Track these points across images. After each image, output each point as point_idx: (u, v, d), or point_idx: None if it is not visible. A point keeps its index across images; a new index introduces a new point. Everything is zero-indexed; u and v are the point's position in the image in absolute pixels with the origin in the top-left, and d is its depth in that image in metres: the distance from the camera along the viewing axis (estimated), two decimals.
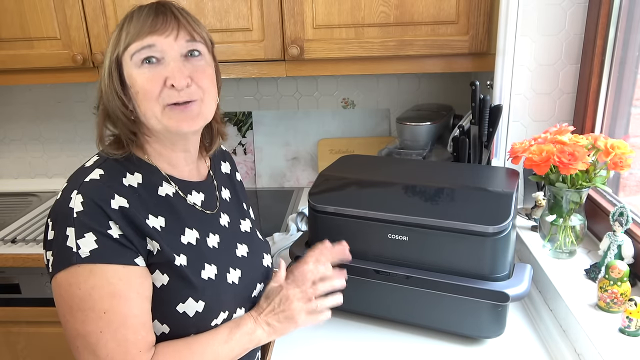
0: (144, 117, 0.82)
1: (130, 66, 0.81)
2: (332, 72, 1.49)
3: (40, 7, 1.46)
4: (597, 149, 1.01)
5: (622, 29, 1.15)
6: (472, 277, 0.92)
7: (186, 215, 0.86)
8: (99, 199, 0.76)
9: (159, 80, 0.80)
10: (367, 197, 1.01)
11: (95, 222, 0.75)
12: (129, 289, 0.76)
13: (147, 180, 0.84)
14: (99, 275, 0.74)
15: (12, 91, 1.92)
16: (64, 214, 0.75)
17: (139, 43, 0.80)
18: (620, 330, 0.86)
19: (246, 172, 1.93)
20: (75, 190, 0.76)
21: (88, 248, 0.74)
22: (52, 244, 0.76)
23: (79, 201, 0.75)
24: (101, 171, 0.80)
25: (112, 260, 0.75)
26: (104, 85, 0.83)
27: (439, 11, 1.38)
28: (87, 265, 0.73)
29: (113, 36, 0.83)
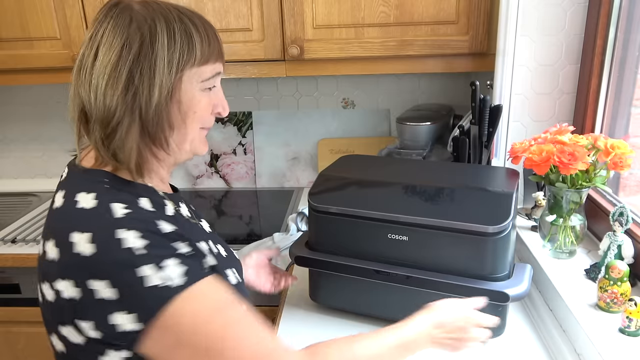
0: (180, 139, 0.76)
1: (193, 87, 0.74)
2: (332, 72, 1.49)
3: (40, 7, 1.46)
4: (597, 149, 1.01)
5: (622, 29, 1.15)
6: (472, 277, 0.92)
7: (190, 229, 0.80)
8: (151, 228, 0.67)
9: (211, 106, 0.79)
10: (367, 197, 1.01)
11: (166, 248, 0.67)
12: (225, 296, 0.70)
13: (155, 203, 0.74)
14: (196, 297, 0.66)
15: (12, 91, 1.92)
16: (120, 260, 0.64)
17: (212, 67, 0.76)
18: (620, 330, 0.86)
19: (246, 172, 1.93)
20: (120, 230, 0.65)
21: (176, 274, 0.65)
22: (125, 300, 0.64)
23: (135, 237, 0.65)
24: (120, 204, 0.68)
25: (201, 275, 0.68)
26: (153, 97, 0.70)
27: (439, 11, 1.38)
28: (182, 294, 0.65)
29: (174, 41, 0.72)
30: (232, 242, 1.49)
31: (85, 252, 0.65)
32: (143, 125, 0.71)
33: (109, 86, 0.69)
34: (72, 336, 0.70)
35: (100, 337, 0.67)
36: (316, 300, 1.10)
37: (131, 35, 0.70)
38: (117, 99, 0.69)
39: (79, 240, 0.66)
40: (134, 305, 0.65)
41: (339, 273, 1.02)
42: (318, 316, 1.09)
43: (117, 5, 0.73)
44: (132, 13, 0.72)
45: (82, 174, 0.75)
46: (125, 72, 0.69)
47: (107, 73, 0.69)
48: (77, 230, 0.66)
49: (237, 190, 1.93)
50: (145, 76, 0.69)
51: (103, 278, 0.64)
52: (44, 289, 0.72)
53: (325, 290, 1.08)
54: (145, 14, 0.72)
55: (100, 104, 0.69)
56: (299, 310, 1.11)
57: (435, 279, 0.94)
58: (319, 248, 1.05)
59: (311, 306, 1.12)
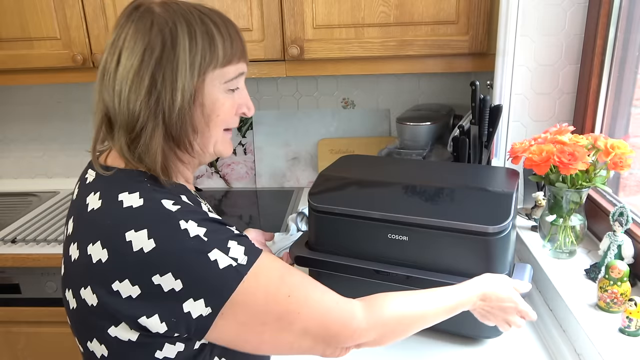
0: (204, 142, 0.76)
1: (216, 89, 0.74)
2: (332, 72, 1.49)
3: (40, 7, 1.46)
4: (597, 149, 1.01)
5: (622, 29, 1.15)
6: (472, 277, 0.92)
7: None
8: (205, 216, 0.70)
9: (235, 107, 0.78)
10: (367, 197, 1.01)
11: (224, 232, 0.69)
12: (281, 263, 0.73)
13: (192, 200, 0.76)
14: (262, 271, 0.69)
15: (12, 91, 1.92)
16: (191, 248, 0.66)
17: (235, 68, 0.75)
18: (620, 330, 0.86)
19: (246, 172, 1.93)
20: (181, 221, 0.67)
21: (241, 253, 0.68)
22: (195, 287, 0.66)
23: (195, 226, 0.67)
24: (169, 200, 0.70)
25: (259, 251, 0.71)
26: (176, 101, 0.70)
27: (439, 11, 1.38)
28: (251, 271, 0.68)
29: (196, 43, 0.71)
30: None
31: (146, 248, 0.65)
32: (167, 129, 0.71)
33: (132, 91, 0.69)
34: (125, 334, 0.69)
35: (165, 330, 0.67)
36: None
37: (152, 39, 0.69)
38: (140, 104, 0.69)
39: (135, 237, 0.66)
40: (206, 290, 0.66)
41: (339, 273, 1.02)
42: None
43: (138, 9, 0.72)
44: (153, 16, 0.71)
45: (116, 175, 0.74)
46: (148, 76, 0.69)
47: (129, 78, 0.69)
48: (131, 229, 0.66)
49: (237, 190, 1.93)
50: (167, 80, 0.69)
51: (169, 270, 0.65)
52: (82, 294, 0.70)
53: None
54: (166, 16, 0.71)
55: (124, 109, 0.69)
56: None
57: (435, 279, 0.93)
58: (319, 248, 1.05)
59: None
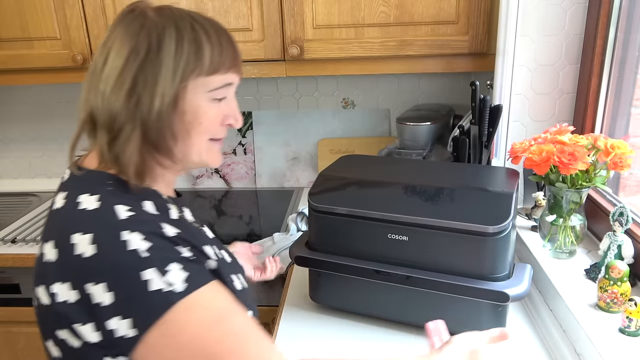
0: (185, 150, 0.74)
1: (199, 96, 0.73)
2: (332, 72, 1.49)
3: (40, 7, 1.46)
4: (597, 149, 1.01)
5: (622, 29, 1.15)
6: (472, 277, 0.92)
7: (195, 233, 0.78)
8: (156, 230, 0.67)
9: (221, 117, 0.77)
10: (367, 197, 1.01)
11: (170, 252, 0.66)
12: (227, 304, 0.69)
13: (159, 206, 0.73)
14: (198, 305, 0.65)
15: (12, 91, 1.92)
16: (125, 261, 0.63)
17: (222, 78, 0.74)
18: (620, 330, 0.86)
19: (246, 172, 1.93)
20: (124, 232, 0.64)
21: (180, 279, 0.64)
22: (123, 305, 0.63)
23: (140, 239, 0.64)
24: (124, 206, 0.68)
25: (203, 281, 0.67)
26: (155, 105, 0.69)
27: (439, 11, 1.38)
28: (184, 301, 0.63)
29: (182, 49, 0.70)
30: (232, 242, 1.49)
31: (86, 253, 0.64)
32: (145, 132, 0.70)
33: (114, 92, 0.68)
34: (70, 340, 0.68)
35: (99, 341, 0.65)
36: (316, 300, 1.10)
37: (139, 42, 0.69)
38: (120, 104, 0.68)
39: (80, 241, 0.65)
40: (132, 310, 0.63)
41: (339, 273, 1.02)
42: (318, 316, 1.09)
43: (133, 12, 0.72)
44: (144, 20, 0.70)
45: (85, 176, 0.74)
46: (130, 78, 0.68)
47: (113, 79, 0.69)
48: (78, 231, 0.65)
49: (237, 190, 1.93)
50: (148, 83, 0.69)
51: (103, 280, 0.63)
52: (39, 293, 0.70)
53: (325, 290, 1.08)
54: (157, 21, 0.71)
55: (106, 108, 0.69)
56: (299, 310, 1.11)
57: (435, 279, 0.93)
58: (319, 248, 1.05)
59: (311, 306, 1.12)
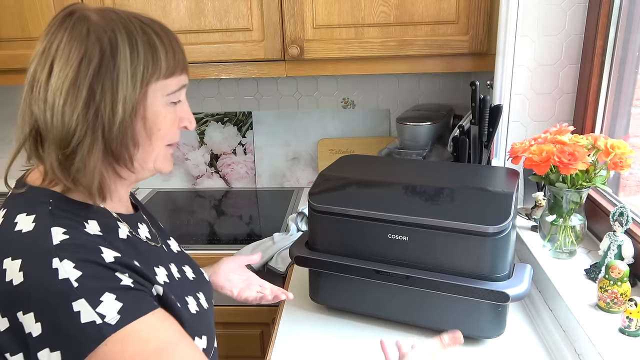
0: (144, 157, 0.71)
1: (158, 100, 0.69)
2: (332, 72, 1.49)
3: (40, 7, 1.46)
4: (597, 149, 1.01)
5: (622, 29, 1.15)
6: (472, 277, 0.92)
7: (147, 253, 0.75)
8: (91, 257, 0.62)
9: (177, 120, 0.73)
10: (367, 197, 1.01)
11: (104, 281, 0.62)
12: (170, 335, 0.66)
13: (105, 226, 0.69)
14: (135, 337, 0.61)
15: (12, 91, 1.92)
16: (58, 292, 0.59)
17: (177, 80, 0.71)
18: (620, 330, 0.86)
19: (246, 172, 1.93)
20: (55, 259, 0.60)
21: (114, 311, 0.60)
22: (52, 337, 0.59)
23: (71, 267, 0.60)
24: (60, 229, 0.63)
25: (142, 312, 0.63)
26: (117, 115, 0.65)
27: (439, 11, 1.38)
28: (118, 333, 0.60)
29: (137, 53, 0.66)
30: (232, 242, 1.50)
31: (15, 280, 0.60)
32: (106, 144, 0.66)
33: (68, 104, 0.63)
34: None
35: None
36: (316, 300, 1.10)
37: (90, 48, 0.64)
38: (76, 117, 0.63)
39: (9, 266, 0.61)
40: (62, 342, 0.59)
41: (339, 273, 1.02)
42: (318, 316, 1.09)
43: (72, 16, 0.66)
44: (89, 24, 0.65)
45: (25, 193, 0.69)
46: (85, 88, 0.63)
47: (64, 90, 0.63)
48: (9, 256, 0.62)
49: (237, 190, 1.93)
50: (107, 92, 0.64)
51: (31, 310, 0.59)
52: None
53: (325, 290, 1.08)
54: (103, 24, 0.65)
55: (58, 123, 0.64)
56: (299, 310, 1.11)
57: (435, 279, 0.94)
58: (319, 248, 1.05)
59: (311, 306, 1.12)
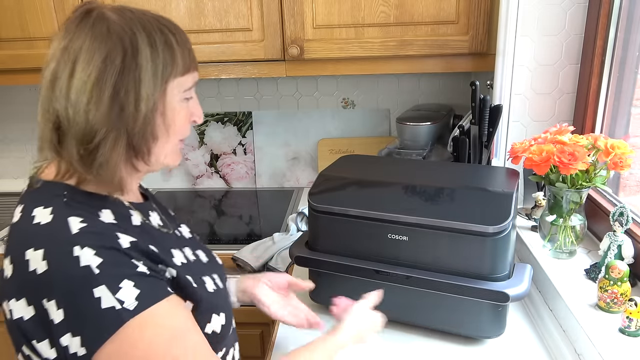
0: (159, 151, 0.74)
1: (175, 97, 0.73)
2: (332, 72, 1.49)
3: (40, 7, 1.46)
4: (597, 149, 1.01)
5: (622, 29, 1.15)
6: (472, 277, 0.92)
7: (160, 238, 0.78)
8: (108, 243, 0.65)
9: (189, 116, 0.77)
10: (367, 197, 1.01)
11: (123, 267, 0.65)
12: (183, 321, 0.68)
13: (118, 214, 0.72)
14: (152, 322, 0.64)
15: (12, 91, 1.92)
16: (79, 278, 0.62)
17: (192, 77, 0.75)
18: (620, 330, 0.86)
19: (246, 172, 1.93)
20: (75, 247, 0.63)
21: (132, 297, 0.63)
22: (74, 322, 0.62)
23: (91, 254, 0.63)
24: (77, 218, 0.66)
25: (157, 298, 0.66)
26: (140, 112, 0.68)
27: (439, 11, 1.38)
28: (137, 317, 0.63)
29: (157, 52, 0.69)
30: (232, 242, 1.49)
31: (39, 269, 0.63)
32: (129, 139, 0.69)
33: (92, 102, 0.65)
34: (33, 357, 0.67)
35: (55, 358, 0.64)
36: (316, 300, 1.10)
37: (112, 48, 0.66)
38: (101, 114, 0.66)
39: (32, 257, 0.64)
40: (83, 327, 0.62)
41: (339, 273, 1.02)
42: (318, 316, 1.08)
43: (90, 14, 0.69)
44: (108, 23, 0.68)
45: (40, 188, 0.72)
46: (109, 87, 0.66)
47: (88, 88, 0.66)
48: (31, 247, 0.64)
49: (237, 190, 1.93)
50: (130, 90, 0.67)
51: (54, 297, 0.62)
52: (4, 308, 0.69)
53: (325, 290, 1.08)
54: (122, 23, 0.68)
55: (81, 119, 0.66)
56: None
57: (435, 279, 0.94)
58: (319, 248, 1.05)
59: (311, 306, 1.11)
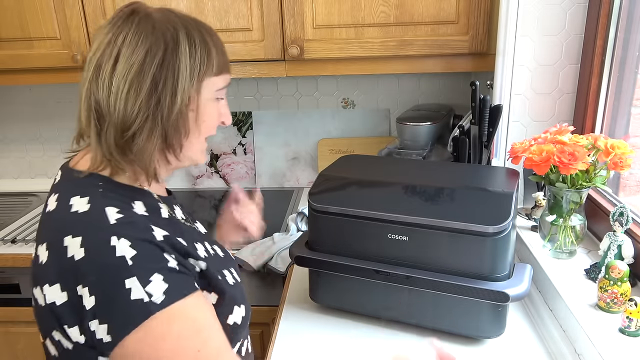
0: (189, 146, 0.77)
1: (208, 95, 0.76)
2: (332, 72, 1.49)
3: (40, 7, 1.46)
4: (597, 149, 1.01)
5: (622, 29, 1.15)
6: (472, 277, 0.92)
7: (187, 232, 0.80)
8: (144, 236, 0.68)
9: (218, 116, 0.80)
10: (367, 197, 1.01)
11: (155, 261, 0.67)
12: (207, 316, 0.71)
13: (149, 207, 0.74)
14: (178, 316, 0.66)
15: (12, 91, 1.92)
16: (113, 267, 0.64)
17: (224, 78, 0.78)
18: (620, 330, 0.86)
19: (246, 172, 1.93)
20: (113, 237, 0.65)
21: (160, 291, 0.65)
22: (103, 309, 0.64)
23: (127, 245, 0.65)
24: (114, 208, 0.69)
25: (184, 293, 0.68)
26: (175, 104, 0.71)
27: (439, 11, 1.38)
28: (164, 311, 0.64)
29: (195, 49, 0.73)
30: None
31: (77, 256, 0.65)
32: (163, 130, 0.72)
33: (132, 92, 0.69)
34: (63, 341, 0.69)
35: (85, 342, 0.66)
36: (316, 300, 1.10)
37: (154, 42, 0.70)
38: (139, 104, 0.69)
39: (70, 244, 0.66)
40: (111, 315, 0.64)
41: (339, 273, 1.02)
42: (318, 316, 1.09)
43: (137, 12, 0.73)
44: (154, 21, 0.72)
45: (76, 178, 0.74)
46: (149, 78, 0.69)
47: (129, 79, 0.69)
48: (69, 234, 0.67)
49: None
50: (168, 83, 0.70)
51: (88, 283, 0.64)
52: (35, 294, 0.71)
53: (325, 290, 1.08)
54: (166, 21, 0.72)
55: (121, 108, 0.69)
56: (299, 310, 1.11)
57: (435, 279, 0.93)
58: (319, 248, 1.05)
59: (311, 306, 1.12)
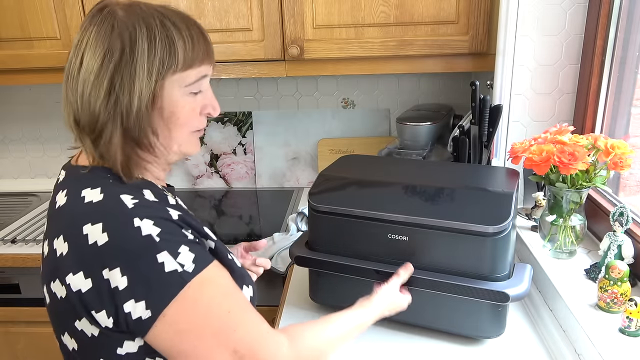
0: (166, 143, 0.77)
1: (175, 92, 0.75)
2: (332, 72, 1.49)
3: (40, 7, 1.46)
4: (597, 149, 1.01)
5: (622, 29, 1.15)
6: (472, 277, 0.92)
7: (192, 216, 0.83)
8: (163, 215, 0.71)
9: (199, 108, 0.79)
10: (367, 197, 1.01)
11: (178, 235, 0.71)
12: (230, 281, 0.75)
13: (157, 194, 0.77)
14: (208, 282, 0.70)
15: (12, 91, 1.92)
16: (142, 246, 0.67)
17: (196, 71, 0.76)
18: (620, 330, 0.86)
19: (246, 172, 1.93)
20: (136, 219, 0.68)
21: (189, 261, 0.69)
22: (138, 288, 0.66)
23: (151, 224, 0.68)
24: (128, 195, 0.71)
25: (208, 261, 0.72)
26: (133, 105, 0.71)
27: (439, 11, 1.38)
28: (195, 278, 0.68)
29: (155, 48, 0.72)
30: (232, 242, 1.49)
31: (100, 241, 0.67)
32: (125, 131, 0.73)
33: (93, 93, 0.71)
34: (88, 329, 0.71)
35: (114, 326, 0.68)
36: (316, 300, 1.10)
37: (112, 43, 0.71)
38: (99, 105, 0.71)
39: (91, 231, 0.68)
40: (148, 291, 0.66)
41: (339, 273, 1.02)
42: (318, 316, 1.07)
43: (102, 12, 0.73)
44: (114, 20, 0.72)
45: (83, 172, 0.76)
46: (107, 79, 0.70)
47: (90, 81, 0.71)
48: (89, 222, 0.69)
49: (237, 190, 1.93)
50: (125, 84, 0.71)
51: (117, 266, 0.66)
52: (54, 288, 0.73)
53: (325, 290, 1.08)
54: (127, 20, 0.72)
55: (86, 110, 0.72)
56: (299, 310, 1.11)
57: (435, 279, 0.93)
58: (319, 248, 1.05)
59: (311, 306, 1.12)
